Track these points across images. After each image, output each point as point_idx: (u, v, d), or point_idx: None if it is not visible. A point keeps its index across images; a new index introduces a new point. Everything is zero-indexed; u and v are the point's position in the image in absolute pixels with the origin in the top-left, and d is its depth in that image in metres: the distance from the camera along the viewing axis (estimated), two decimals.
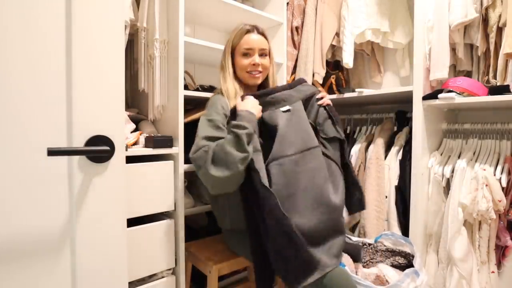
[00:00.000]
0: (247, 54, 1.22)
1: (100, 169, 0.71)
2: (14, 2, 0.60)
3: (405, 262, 1.14)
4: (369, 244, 1.20)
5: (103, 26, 0.70)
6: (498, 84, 1.27)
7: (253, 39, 1.22)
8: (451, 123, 1.49)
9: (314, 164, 1.07)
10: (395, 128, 1.63)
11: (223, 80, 1.23)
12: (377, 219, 1.42)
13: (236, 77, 1.25)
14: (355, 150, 1.62)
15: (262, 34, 1.25)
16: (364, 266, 1.13)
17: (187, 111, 1.42)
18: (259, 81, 1.26)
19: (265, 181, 0.96)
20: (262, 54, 1.23)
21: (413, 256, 1.11)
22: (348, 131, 1.83)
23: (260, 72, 1.23)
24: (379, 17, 1.59)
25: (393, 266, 1.13)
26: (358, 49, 1.74)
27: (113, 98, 0.73)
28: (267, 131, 1.11)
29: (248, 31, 1.22)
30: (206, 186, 1.02)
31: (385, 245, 1.19)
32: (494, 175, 1.22)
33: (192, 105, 1.52)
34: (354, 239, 1.21)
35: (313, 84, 1.76)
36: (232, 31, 1.26)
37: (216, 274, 1.15)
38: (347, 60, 1.58)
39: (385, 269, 1.09)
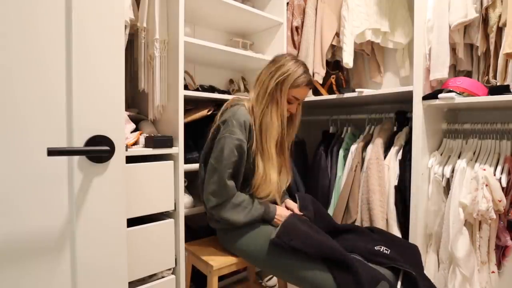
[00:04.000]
0: (291, 102, 1.24)
1: (100, 169, 0.71)
2: (14, 2, 0.60)
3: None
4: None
5: (103, 26, 0.70)
6: (498, 84, 1.27)
7: (306, 93, 1.25)
8: (451, 123, 1.49)
9: None
10: (395, 128, 1.63)
11: (271, 114, 1.19)
12: (382, 219, 1.42)
13: None
14: (352, 150, 1.62)
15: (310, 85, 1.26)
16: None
17: (187, 111, 1.42)
18: None
19: None
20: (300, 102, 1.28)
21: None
22: (348, 131, 1.83)
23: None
24: (379, 17, 1.58)
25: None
26: (358, 49, 1.74)
27: (113, 98, 0.73)
28: None
29: (307, 85, 1.22)
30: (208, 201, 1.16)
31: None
32: (494, 175, 1.22)
33: (192, 105, 1.52)
34: None
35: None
36: (294, 66, 1.20)
37: (216, 274, 1.15)
38: (347, 60, 1.58)
39: None
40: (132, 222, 1.15)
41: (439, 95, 1.26)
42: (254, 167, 1.19)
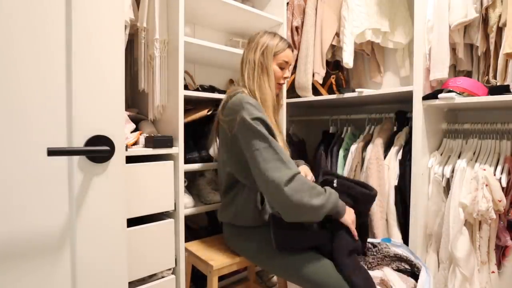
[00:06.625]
0: (283, 67, 1.25)
1: (100, 169, 0.71)
2: (15, 2, 0.60)
3: (409, 268, 1.14)
4: (374, 246, 1.20)
5: (103, 26, 0.70)
6: (498, 84, 1.27)
7: (292, 55, 1.28)
8: (451, 123, 1.49)
9: None
10: (395, 128, 1.63)
11: (265, 84, 1.19)
12: (381, 219, 1.42)
13: None
14: (352, 150, 1.62)
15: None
16: (368, 268, 1.12)
17: (187, 111, 1.42)
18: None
19: None
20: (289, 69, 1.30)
21: (417, 268, 1.12)
22: (348, 131, 1.83)
23: (283, 84, 1.30)
24: (379, 17, 1.59)
25: (398, 270, 1.13)
26: (358, 49, 1.74)
27: (113, 98, 0.73)
28: None
29: (289, 46, 1.26)
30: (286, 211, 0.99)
31: (391, 249, 1.19)
32: (494, 175, 1.22)
33: (192, 105, 1.52)
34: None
35: (313, 84, 1.77)
36: (269, 36, 1.24)
37: (216, 274, 1.15)
38: (347, 60, 1.58)
39: (390, 274, 1.09)
40: (132, 222, 1.15)
41: (439, 95, 1.26)
42: None
